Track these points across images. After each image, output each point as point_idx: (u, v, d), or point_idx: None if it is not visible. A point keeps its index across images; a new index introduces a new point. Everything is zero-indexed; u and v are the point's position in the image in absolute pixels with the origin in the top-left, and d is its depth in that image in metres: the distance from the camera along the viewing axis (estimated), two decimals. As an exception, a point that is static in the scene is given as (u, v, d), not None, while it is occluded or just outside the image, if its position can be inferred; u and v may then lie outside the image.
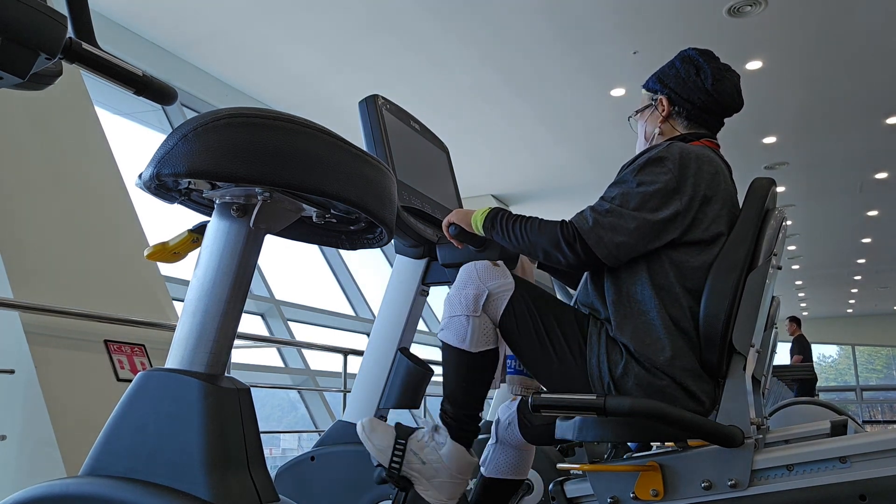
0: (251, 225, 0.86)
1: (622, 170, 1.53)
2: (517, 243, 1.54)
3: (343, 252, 7.21)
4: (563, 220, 1.48)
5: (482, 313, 1.49)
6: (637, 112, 1.75)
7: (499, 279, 1.51)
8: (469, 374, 1.51)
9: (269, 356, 5.71)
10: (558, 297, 2.44)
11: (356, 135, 1.57)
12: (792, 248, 11.70)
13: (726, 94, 1.62)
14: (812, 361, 9.08)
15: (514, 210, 9.46)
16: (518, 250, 1.58)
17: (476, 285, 1.50)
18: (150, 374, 0.86)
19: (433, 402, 5.26)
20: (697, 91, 1.61)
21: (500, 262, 1.56)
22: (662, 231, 1.44)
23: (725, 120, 1.70)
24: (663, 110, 1.66)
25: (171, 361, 0.87)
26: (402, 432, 1.52)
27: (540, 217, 1.54)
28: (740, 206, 1.55)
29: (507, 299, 1.49)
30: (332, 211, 0.96)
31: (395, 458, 1.48)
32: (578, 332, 1.48)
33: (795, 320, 9.08)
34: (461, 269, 1.56)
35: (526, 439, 1.76)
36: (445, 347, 1.53)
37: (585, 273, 1.60)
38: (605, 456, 2.10)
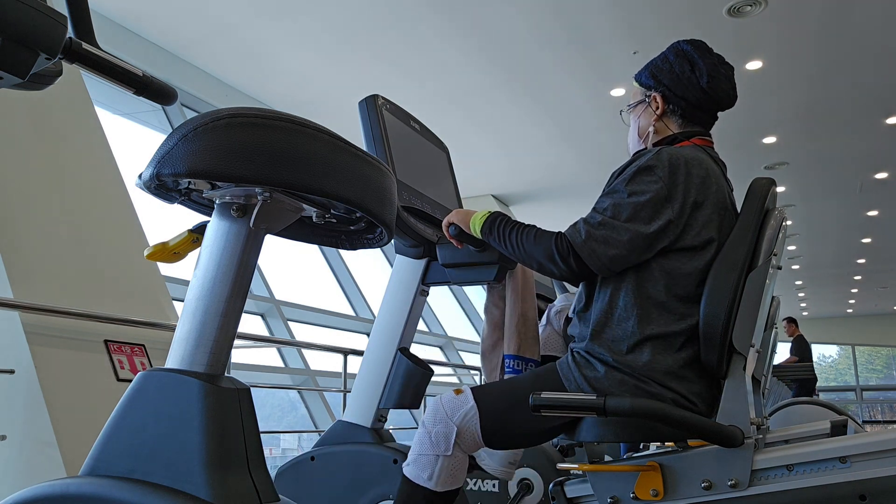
0: (251, 225, 0.86)
1: (612, 179, 1.52)
2: (512, 251, 1.54)
3: (343, 252, 7.21)
4: (558, 233, 1.48)
5: (454, 451, 1.47)
6: (630, 107, 1.72)
7: (461, 408, 1.48)
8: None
9: (269, 356, 5.71)
10: (558, 295, 2.45)
11: (356, 135, 1.57)
12: (792, 248, 11.70)
13: (721, 90, 1.59)
14: (812, 361, 9.08)
15: (515, 210, 9.47)
16: (513, 258, 1.58)
17: (445, 423, 1.47)
18: (150, 374, 0.86)
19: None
20: (692, 88, 1.59)
21: (462, 388, 1.54)
22: (655, 242, 1.44)
23: (726, 119, 1.68)
24: (657, 108, 1.63)
25: (171, 361, 0.87)
26: None
27: (537, 226, 1.53)
28: (739, 205, 1.55)
29: (478, 424, 1.47)
30: (332, 211, 0.96)
31: None
32: (552, 383, 1.48)
33: (793, 321, 9.08)
34: (429, 404, 1.54)
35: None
36: (406, 482, 1.49)
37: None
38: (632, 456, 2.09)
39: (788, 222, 7.58)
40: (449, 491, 1.48)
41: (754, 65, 5.56)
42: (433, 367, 1.92)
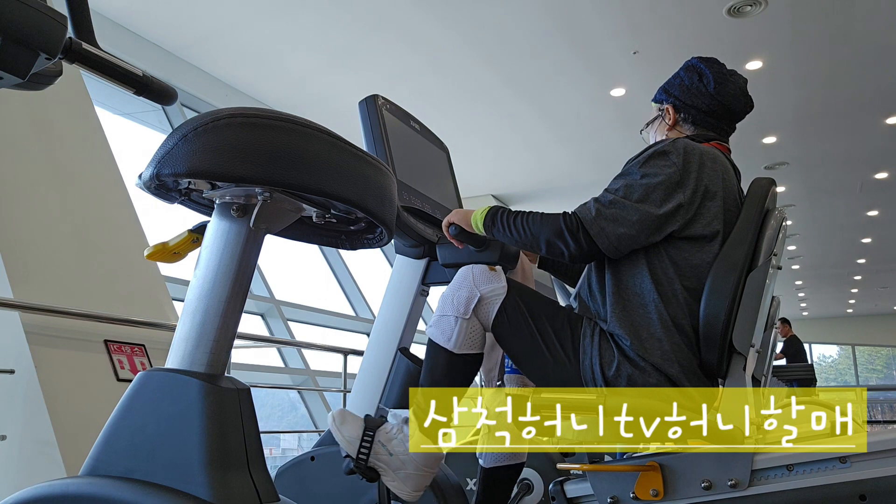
0: (251, 225, 0.86)
1: (627, 163, 1.55)
2: (519, 237, 1.54)
3: (343, 252, 7.20)
4: (565, 212, 1.49)
5: (472, 316, 1.51)
6: (647, 125, 1.78)
7: (492, 283, 1.52)
8: (448, 373, 1.52)
9: (269, 356, 5.71)
10: (558, 296, 2.44)
11: (356, 135, 1.57)
12: (792, 248, 11.70)
13: (730, 95, 1.63)
14: (807, 361, 9.08)
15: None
16: (520, 245, 1.58)
17: (469, 288, 1.52)
18: (150, 374, 0.86)
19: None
20: (701, 96, 1.63)
21: (497, 268, 1.57)
22: (665, 224, 1.45)
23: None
24: (670, 119, 1.69)
25: (171, 361, 0.87)
26: (372, 424, 1.52)
27: (541, 211, 1.55)
28: (742, 207, 1.56)
29: (499, 303, 1.50)
30: (332, 211, 0.96)
31: (362, 449, 1.48)
32: (570, 332, 1.48)
33: (786, 322, 9.07)
34: (459, 270, 1.58)
35: None
36: (430, 344, 1.55)
37: (587, 266, 1.61)
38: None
39: (788, 222, 7.58)
40: (468, 354, 1.52)
41: (754, 65, 5.56)
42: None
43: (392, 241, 1.56)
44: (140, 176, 0.83)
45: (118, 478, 0.82)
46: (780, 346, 8.82)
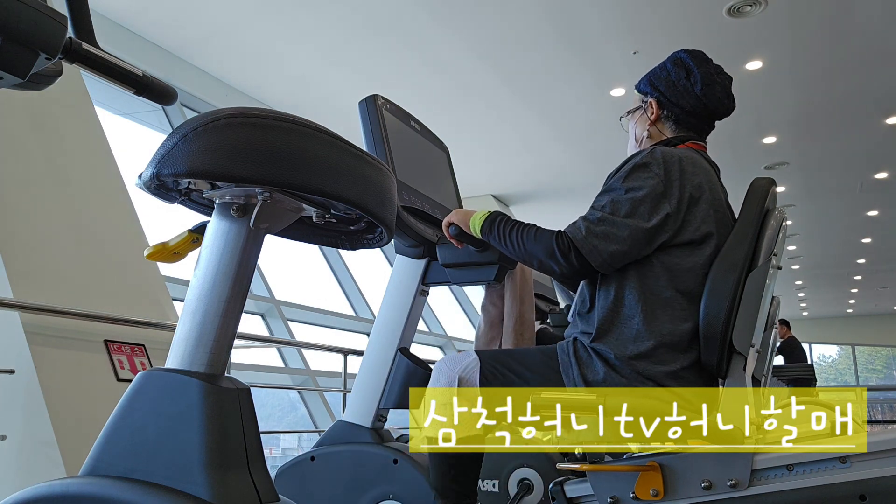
0: (251, 225, 0.86)
1: (608, 178, 1.54)
2: (513, 250, 1.55)
3: (343, 252, 7.20)
4: (558, 231, 1.49)
5: None
6: (628, 113, 1.76)
7: (463, 361, 1.54)
8: (454, 461, 1.53)
9: (269, 356, 5.71)
10: (558, 295, 2.45)
11: (356, 135, 1.57)
12: (792, 248, 11.70)
13: (715, 98, 1.61)
14: (806, 361, 9.07)
15: (514, 210, 9.46)
16: (513, 257, 1.58)
17: (447, 376, 1.53)
18: (150, 374, 0.86)
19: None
20: (686, 96, 1.61)
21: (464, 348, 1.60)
22: (655, 236, 1.45)
23: (726, 119, 1.69)
24: (652, 113, 1.66)
25: (171, 361, 0.87)
26: None
27: (537, 225, 1.54)
28: (737, 206, 1.55)
29: (478, 372, 1.51)
30: (332, 211, 0.96)
31: None
32: (549, 365, 1.49)
33: (785, 323, 9.07)
34: (433, 368, 1.60)
35: None
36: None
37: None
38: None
39: (788, 222, 7.58)
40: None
41: (754, 65, 5.56)
42: (433, 366, 1.91)
43: (392, 241, 1.56)
44: (140, 176, 0.83)
45: (118, 478, 0.82)
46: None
